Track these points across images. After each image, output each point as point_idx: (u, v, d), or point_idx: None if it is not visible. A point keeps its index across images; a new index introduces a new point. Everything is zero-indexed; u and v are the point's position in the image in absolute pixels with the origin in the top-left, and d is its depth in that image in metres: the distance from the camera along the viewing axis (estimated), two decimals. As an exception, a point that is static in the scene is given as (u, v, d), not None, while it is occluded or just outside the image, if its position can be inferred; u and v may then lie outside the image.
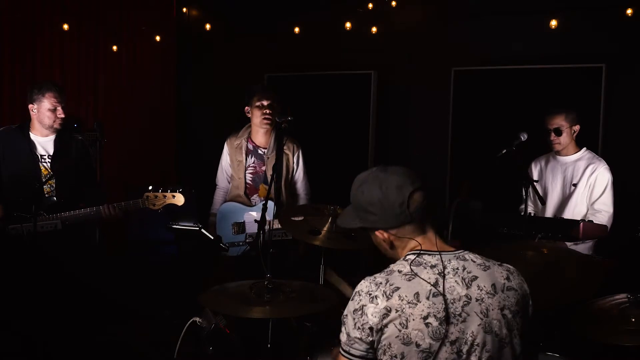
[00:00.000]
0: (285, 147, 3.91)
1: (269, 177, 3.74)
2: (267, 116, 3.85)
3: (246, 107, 3.93)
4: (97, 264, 4.12)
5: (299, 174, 4.00)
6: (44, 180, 3.50)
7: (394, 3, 5.27)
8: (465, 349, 1.67)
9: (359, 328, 1.69)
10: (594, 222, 3.40)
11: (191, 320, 3.06)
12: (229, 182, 4.07)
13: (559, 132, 3.69)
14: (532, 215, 3.76)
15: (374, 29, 5.51)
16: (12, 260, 3.31)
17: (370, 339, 1.69)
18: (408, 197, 1.75)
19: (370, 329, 1.68)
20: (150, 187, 3.48)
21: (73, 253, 3.54)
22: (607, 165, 3.63)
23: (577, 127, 3.69)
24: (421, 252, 1.77)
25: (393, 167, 1.82)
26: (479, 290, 1.71)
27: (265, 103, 3.85)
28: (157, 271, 5.01)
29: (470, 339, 1.67)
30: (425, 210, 1.78)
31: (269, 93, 3.90)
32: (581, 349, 2.76)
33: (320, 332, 3.19)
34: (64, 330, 3.45)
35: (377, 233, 1.83)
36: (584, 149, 3.73)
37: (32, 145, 3.56)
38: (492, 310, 1.70)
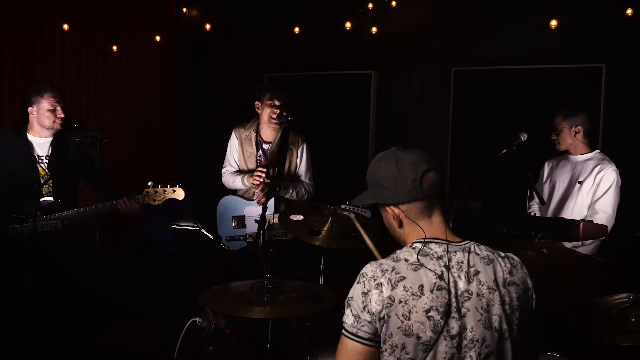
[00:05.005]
0: (290, 141, 3.91)
1: (271, 172, 3.74)
2: (277, 115, 3.84)
3: (256, 102, 3.92)
4: (97, 264, 4.12)
5: (302, 169, 3.98)
6: (41, 181, 3.50)
7: (394, 3, 5.27)
8: (464, 343, 1.68)
9: (368, 311, 1.69)
10: (594, 222, 3.40)
11: (191, 320, 3.07)
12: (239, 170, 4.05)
13: (557, 132, 3.72)
14: (535, 214, 3.76)
15: (374, 29, 5.51)
16: (12, 260, 3.30)
17: (376, 324, 1.69)
18: (422, 175, 1.77)
19: (374, 315, 1.68)
20: (150, 183, 3.47)
21: (73, 253, 3.53)
22: (615, 168, 3.62)
23: (578, 128, 3.68)
24: (427, 240, 1.77)
25: (412, 149, 1.86)
26: (480, 285, 1.71)
27: (277, 102, 3.84)
28: (157, 271, 5.01)
29: (469, 334, 1.68)
30: (437, 191, 1.80)
31: (282, 93, 3.88)
32: (581, 349, 2.76)
33: (320, 332, 3.19)
34: (64, 330, 3.45)
35: (387, 209, 1.84)
36: (597, 150, 3.75)
37: (29, 147, 3.56)
38: (493, 305, 1.70)
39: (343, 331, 1.74)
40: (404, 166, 1.79)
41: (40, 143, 3.60)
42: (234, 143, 4.04)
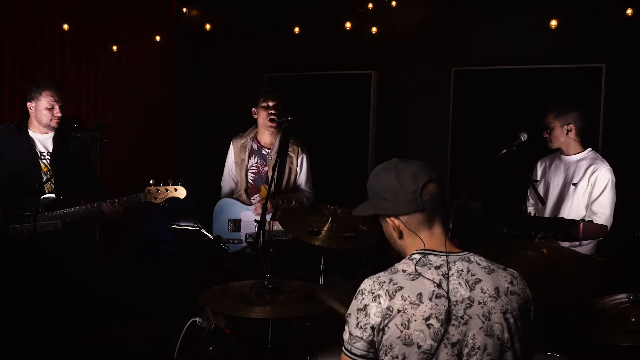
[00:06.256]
0: (290, 149, 3.90)
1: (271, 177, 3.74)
2: (272, 117, 3.83)
3: (253, 109, 3.93)
4: (97, 264, 4.11)
5: (302, 178, 3.97)
6: (44, 177, 3.50)
7: (394, 3, 5.27)
8: (465, 351, 1.67)
9: (360, 327, 1.69)
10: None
11: (191, 320, 3.07)
12: (235, 183, 4.06)
13: (549, 131, 3.71)
14: (533, 215, 3.76)
15: (374, 29, 5.51)
16: (12, 260, 3.30)
17: (372, 338, 1.69)
18: (422, 186, 1.77)
19: (372, 328, 1.68)
20: (151, 181, 3.47)
21: (73, 253, 3.53)
22: (609, 167, 3.61)
23: (570, 127, 3.67)
24: (426, 251, 1.77)
25: (412, 160, 1.85)
26: (482, 293, 1.71)
27: (270, 104, 3.84)
28: (157, 271, 5.01)
29: (471, 341, 1.68)
30: (437, 202, 1.79)
31: (275, 94, 3.88)
32: (581, 349, 2.76)
33: (320, 332, 3.19)
34: (64, 330, 3.45)
35: (388, 220, 1.84)
36: (589, 149, 3.73)
37: (31, 143, 3.56)
38: (495, 313, 1.70)
39: (342, 347, 1.75)
40: (404, 177, 1.78)
41: (42, 139, 3.60)
42: (230, 154, 4.05)
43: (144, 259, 5.31)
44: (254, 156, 3.96)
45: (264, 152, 3.95)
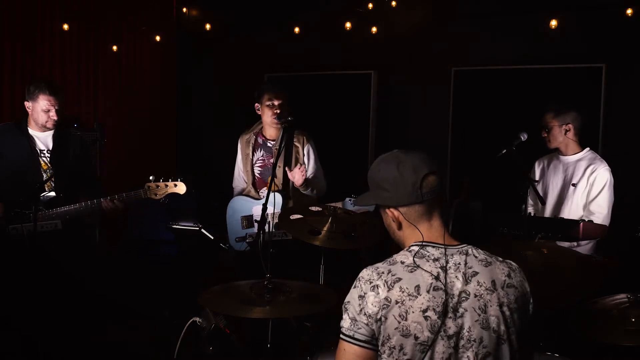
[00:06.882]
0: (295, 139, 3.91)
1: (277, 169, 3.72)
2: (277, 115, 3.84)
3: (256, 104, 3.92)
4: (97, 264, 4.12)
5: (311, 168, 3.97)
6: (44, 175, 3.51)
7: (394, 3, 5.27)
8: (461, 343, 1.69)
9: (365, 314, 1.70)
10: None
11: (191, 320, 3.07)
12: (245, 182, 4.06)
13: (547, 130, 3.71)
14: (532, 215, 3.76)
15: (374, 29, 5.51)
16: (12, 260, 3.30)
17: (373, 327, 1.70)
18: (422, 178, 1.78)
19: (370, 317, 1.69)
20: (151, 177, 3.47)
21: (73, 253, 3.53)
22: (607, 167, 3.61)
23: (568, 127, 3.66)
24: (424, 243, 1.78)
25: (414, 151, 1.86)
26: (478, 286, 1.72)
27: (275, 102, 3.84)
28: (157, 271, 5.01)
29: (467, 334, 1.69)
30: (437, 195, 1.80)
31: (281, 92, 3.88)
32: (581, 349, 2.76)
33: (320, 332, 3.19)
34: (64, 330, 3.45)
35: (387, 211, 1.85)
36: (587, 149, 3.72)
37: (31, 141, 3.57)
38: (491, 306, 1.71)
39: (340, 335, 1.74)
40: (405, 169, 1.80)
41: (42, 137, 3.61)
42: (238, 152, 4.05)
43: (144, 259, 5.31)
44: (259, 150, 3.96)
45: (269, 144, 3.95)
